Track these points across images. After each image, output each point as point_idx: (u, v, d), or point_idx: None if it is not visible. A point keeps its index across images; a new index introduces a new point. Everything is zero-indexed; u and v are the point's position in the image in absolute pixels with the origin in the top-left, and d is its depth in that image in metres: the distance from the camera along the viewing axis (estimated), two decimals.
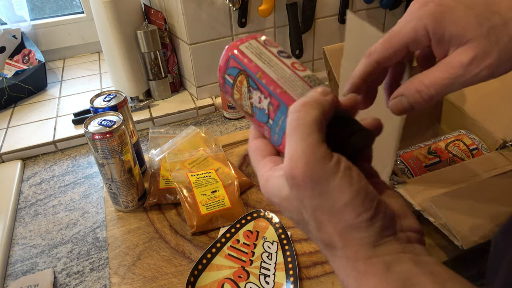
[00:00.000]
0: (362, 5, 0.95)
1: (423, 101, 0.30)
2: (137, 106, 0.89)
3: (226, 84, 0.31)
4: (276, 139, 0.29)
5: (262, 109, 0.29)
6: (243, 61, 0.30)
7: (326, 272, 0.50)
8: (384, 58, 0.32)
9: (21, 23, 1.08)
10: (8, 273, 0.56)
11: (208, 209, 0.58)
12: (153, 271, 0.52)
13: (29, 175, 0.75)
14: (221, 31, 0.84)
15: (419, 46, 0.31)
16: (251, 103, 0.30)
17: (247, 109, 0.30)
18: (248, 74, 0.30)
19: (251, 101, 0.30)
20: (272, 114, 0.28)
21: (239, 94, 0.30)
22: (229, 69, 0.31)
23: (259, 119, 0.29)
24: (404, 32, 0.30)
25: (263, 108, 0.29)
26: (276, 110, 0.28)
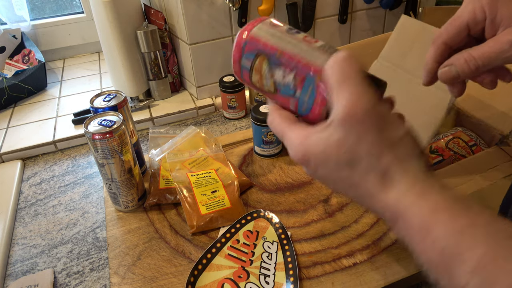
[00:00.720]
0: (362, 5, 0.95)
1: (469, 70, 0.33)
2: (137, 106, 0.89)
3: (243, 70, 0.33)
4: (305, 108, 0.31)
5: (287, 84, 0.31)
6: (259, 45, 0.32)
7: (326, 272, 0.50)
8: (449, 38, 0.36)
9: (21, 23, 1.08)
10: (8, 273, 0.56)
11: (208, 209, 0.58)
12: (153, 271, 0.52)
13: (29, 175, 0.75)
14: (221, 31, 0.84)
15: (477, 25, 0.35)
16: (274, 81, 0.31)
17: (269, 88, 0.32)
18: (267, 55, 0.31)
19: (273, 79, 0.31)
20: (299, 86, 0.31)
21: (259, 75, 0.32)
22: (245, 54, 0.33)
23: (284, 94, 0.31)
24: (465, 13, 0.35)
25: (288, 83, 0.31)
26: (303, 81, 0.30)
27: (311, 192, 0.64)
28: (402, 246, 0.53)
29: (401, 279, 0.49)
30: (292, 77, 0.31)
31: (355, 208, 0.60)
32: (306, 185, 0.65)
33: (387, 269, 0.50)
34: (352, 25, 0.97)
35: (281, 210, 0.61)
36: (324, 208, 0.60)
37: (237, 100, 0.83)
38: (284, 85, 0.31)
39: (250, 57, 0.32)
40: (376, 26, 1.00)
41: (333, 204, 0.61)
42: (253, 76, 0.32)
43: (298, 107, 0.31)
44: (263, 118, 0.67)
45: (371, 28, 1.00)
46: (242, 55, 0.32)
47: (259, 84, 0.32)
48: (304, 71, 0.30)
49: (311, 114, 0.31)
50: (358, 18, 0.97)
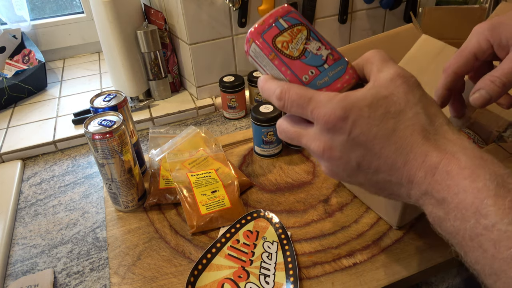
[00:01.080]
0: (362, 5, 0.95)
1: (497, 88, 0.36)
2: (137, 106, 0.89)
3: (274, 26, 0.36)
4: (326, 81, 0.35)
5: (318, 55, 0.35)
6: (304, 19, 0.37)
7: (326, 272, 0.50)
8: (459, 67, 0.39)
9: (21, 23, 1.08)
10: (8, 273, 0.56)
11: (208, 209, 0.58)
12: (153, 271, 0.52)
13: (29, 175, 0.75)
14: (221, 31, 0.84)
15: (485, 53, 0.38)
16: (305, 48, 0.35)
17: (293, 51, 0.35)
18: (310, 28, 0.36)
19: (306, 46, 0.35)
20: (331, 62, 0.35)
21: (290, 37, 0.35)
22: (288, 17, 0.36)
23: (309, 62, 0.35)
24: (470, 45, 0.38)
25: (320, 55, 0.35)
26: (336, 60, 0.36)
27: (311, 192, 0.64)
28: (402, 246, 0.53)
29: (401, 279, 0.49)
30: (327, 53, 0.35)
31: (355, 208, 0.60)
32: (306, 185, 0.65)
33: (387, 269, 0.50)
34: (352, 25, 0.97)
35: (281, 210, 0.61)
36: (324, 208, 0.60)
37: (237, 100, 0.83)
38: (313, 55, 0.35)
39: (292, 21, 0.36)
40: (376, 26, 1.00)
41: (333, 204, 0.61)
42: (282, 36, 0.35)
43: (317, 78, 0.35)
44: (263, 118, 0.67)
45: (371, 28, 1.00)
46: (285, 16, 0.36)
47: (281, 44, 0.35)
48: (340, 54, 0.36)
49: (329, 87, 0.35)
50: (358, 18, 0.97)
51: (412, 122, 0.31)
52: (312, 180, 0.66)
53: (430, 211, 0.31)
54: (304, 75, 0.35)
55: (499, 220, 0.26)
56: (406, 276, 0.49)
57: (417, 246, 0.53)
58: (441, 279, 0.51)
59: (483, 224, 0.27)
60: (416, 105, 0.32)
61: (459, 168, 0.29)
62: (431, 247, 0.52)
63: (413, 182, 0.31)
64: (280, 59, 0.35)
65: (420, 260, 0.51)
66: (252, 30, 0.36)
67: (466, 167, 0.29)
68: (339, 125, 0.32)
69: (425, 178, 0.30)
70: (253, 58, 0.38)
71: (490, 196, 0.27)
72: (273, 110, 0.68)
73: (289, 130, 0.36)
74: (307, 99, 0.33)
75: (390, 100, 0.32)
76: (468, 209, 0.27)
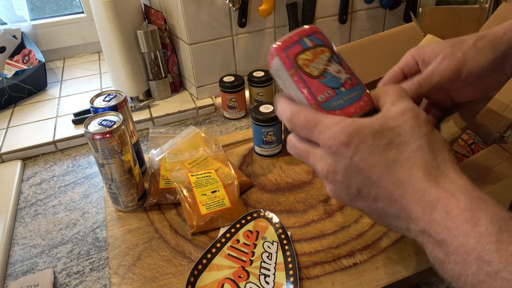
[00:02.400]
0: (362, 5, 0.95)
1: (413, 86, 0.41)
2: (137, 106, 0.89)
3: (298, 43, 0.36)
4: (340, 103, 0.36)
5: (337, 78, 0.36)
6: (329, 41, 0.38)
7: (326, 272, 0.50)
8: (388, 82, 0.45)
9: (21, 23, 1.08)
10: (8, 273, 0.56)
11: (208, 209, 0.58)
12: (153, 271, 0.52)
13: (29, 175, 0.75)
14: (221, 31, 0.84)
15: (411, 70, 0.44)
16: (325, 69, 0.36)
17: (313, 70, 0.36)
18: (333, 51, 0.37)
19: (326, 67, 0.36)
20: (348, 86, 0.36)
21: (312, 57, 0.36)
22: (313, 37, 0.37)
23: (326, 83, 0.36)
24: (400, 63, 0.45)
25: (338, 78, 0.36)
26: (353, 85, 0.36)
27: (311, 192, 0.64)
28: (402, 246, 0.53)
29: (401, 279, 0.49)
30: (347, 77, 0.36)
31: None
32: (306, 185, 0.65)
33: (387, 269, 0.50)
34: (352, 25, 0.97)
35: (281, 210, 0.61)
36: (324, 208, 0.60)
37: (237, 100, 0.83)
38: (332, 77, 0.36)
39: (317, 41, 0.37)
40: (376, 26, 1.00)
41: (333, 204, 0.61)
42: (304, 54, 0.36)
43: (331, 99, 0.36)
44: (263, 118, 0.67)
45: (371, 28, 1.00)
46: (310, 35, 0.37)
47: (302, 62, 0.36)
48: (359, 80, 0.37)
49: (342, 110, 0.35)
50: (358, 18, 0.97)
51: (414, 155, 0.31)
52: (312, 180, 0.66)
53: (430, 251, 0.31)
54: (320, 95, 0.35)
55: (502, 267, 0.25)
56: (406, 276, 0.49)
57: (417, 246, 0.53)
58: (441, 279, 0.51)
59: (485, 271, 0.26)
60: (421, 139, 0.31)
61: (458, 209, 0.28)
62: None
63: (411, 217, 0.31)
64: (300, 75, 0.36)
65: (420, 260, 0.51)
66: (276, 45, 0.37)
67: (466, 209, 0.28)
68: (342, 150, 0.32)
69: (423, 214, 0.30)
70: (275, 72, 0.38)
71: (492, 242, 0.26)
72: (273, 110, 0.68)
73: (298, 146, 0.37)
74: (314, 123, 0.34)
75: (396, 131, 0.32)
76: (470, 254, 0.27)
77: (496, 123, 0.59)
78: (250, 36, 0.88)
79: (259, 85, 0.83)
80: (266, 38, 0.90)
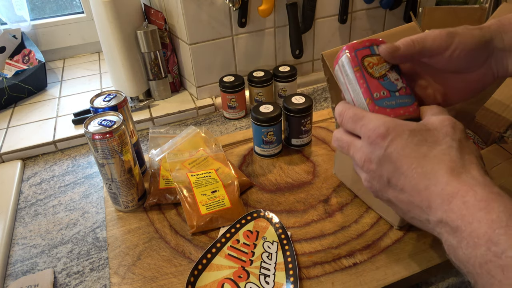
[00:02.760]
0: (362, 5, 0.95)
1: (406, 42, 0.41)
2: (137, 106, 0.89)
3: (368, 48, 0.41)
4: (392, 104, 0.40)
5: (394, 84, 0.40)
6: None
7: (326, 272, 0.50)
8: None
9: (21, 23, 1.08)
10: (8, 273, 0.56)
11: (208, 209, 0.58)
12: (153, 271, 0.52)
13: (29, 175, 0.75)
14: (221, 31, 0.84)
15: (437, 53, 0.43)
16: (386, 74, 0.41)
17: (375, 72, 0.40)
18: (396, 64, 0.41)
19: (387, 73, 0.41)
20: (402, 93, 0.40)
21: (378, 62, 0.41)
22: None
23: (384, 85, 0.40)
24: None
25: (395, 84, 0.40)
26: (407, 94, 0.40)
27: (311, 192, 0.64)
28: (402, 246, 0.53)
29: (401, 279, 0.49)
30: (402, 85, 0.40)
31: (355, 208, 0.60)
32: (306, 185, 0.65)
33: (387, 269, 0.50)
34: (352, 25, 0.97)
35: (281, 210, 0.61)
36: (324, 208, 0.60)
37: (237, 100, 0.83)
38: (390, 82, 0.40)
39: None
40: (376, 26, 1.00)
41: (333, 204, 0.61)
42: (371, 58, 0.41)
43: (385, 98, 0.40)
44: (263, 118, 0.67)
45: (371, 28, 1.00)
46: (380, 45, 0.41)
47: (367, 63, 0.41)
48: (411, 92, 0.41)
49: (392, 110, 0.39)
50: (358, 18, 0.97)
51: (443, 152, 0.34)
52: (312, 180, 0.66)
53: (445, 240, 0.33)
54: (376, 92, 0.40)
55: (508, 247, 0.27)
56: (406, 276, 0.49)
57: (417, 246, 0.53)
58: (441, 279, 0.51)
59: (493, 251, 0.28)
60: (453, 141, 0.34)
61: (475, 199, 0.30)
62: (431, 247, 0.52)
63: (431, 207, 0.33)
64: (362, 73, 0.40)
65: (420, 260, 0.51)
66: (349, 44, 0.41)
67: (482, 199, 0.30)
68: (379, 140, 0.36)
69: (441, 205, 0.32)
70: (339, 68, 0.42)
71: (502, 227, 0.28)
72: (273, 110, 0.68)
73: (342, 139, 0.41)
74: (360, 116, 0.38)
75: (431, 133, 0.35)
76: (481, 237, 0.29)
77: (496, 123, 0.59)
78: (250, 36, 0.88)
79: (259, 85, 0.83)
80: (266, 38, 0.90)
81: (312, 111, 0.71)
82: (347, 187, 0.64)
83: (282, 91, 0.85)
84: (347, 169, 0.62)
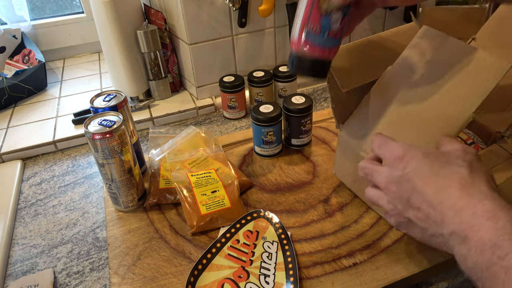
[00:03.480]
0: None
1: None
2: (137, 106, 0.89)
3: None
4: (315, 42, 0.43)
5: (330, 24, 0.43)
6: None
7: (326, 272, 0.50)
8: None
9: (21, 23, 1.08)
10: (8, 273, 0.56)
11: (208, 209, 0.58)
12: (153, 271, 0.52)
13: (29, 175, 0.75)
14: (221, 31, 0.84)
15: None
16: (331, 12, 0.42)
17: (323, 7, 0.42)
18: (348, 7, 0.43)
19: (332, 11, 0.42)
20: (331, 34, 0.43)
21: None
22: None
23: (322, 22, 0.43)
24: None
25: (331, 25, 0.43)
26: (334, 37, 0.43)
27: (311, 192, 0.64)
28: (402, 246, 0.53)
29: (401, 279, 0.49)
30: (336, 28, 0.43)
31: (355, 208, 0.60)
32: (306, 185, 0.65)
33: (387, 269, 0.50)
34: None
35: (281, 210, 0.61)
36: (324, 208, 0.60)
37: (237, 100, 0.83)
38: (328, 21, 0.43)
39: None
40: (376, 26, 1.00)
41: (333, 204, 0.61)
42: None
43: (313, 34, 0.43)
44: (263, 118, 0.67)
45: (371, 28, 1.00)
46: None
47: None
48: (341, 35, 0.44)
49: (310, 47, 0.43)
50: None
51: (454, 171, 0.37)
52: (312, 180, 0.66)
53: (457, 251, 0.35)
54: (311, 25, 0.43)
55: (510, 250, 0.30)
56: (406, 276, 0.49)
57: (417, 246, 0.53)
58: (441, 279, 0.51)
59: (497, 255, 0.31)
60: (464, 162, 0.38)
61: (483, 211, 0.33)
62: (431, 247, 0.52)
63: (444, 221, 0.36)
64: (313, 3, 0.42)
65: (420, 260, 0.51)
66: None
67: (489, 210, 0.33)
68: (397, 162, 0.40)
69: (453, 218, 0.35)
70: None
71: (506, 233, 0.31)
72: (273, 110, 0.68)
73: (367, 167, 0.45)
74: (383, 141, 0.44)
75: (444, 155, 0.39)
76: (487, 243, 0.32)
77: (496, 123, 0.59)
78: (250, 36, 0.88)
79: (259, 85, 0.83)
80: (266, 38, 0.90)
81: (312, 111, 0.71)
82: (347, 187, 0.64)
83: (282, 91, 0.85)
84: (347, 168, 0.62)
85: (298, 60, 0.45)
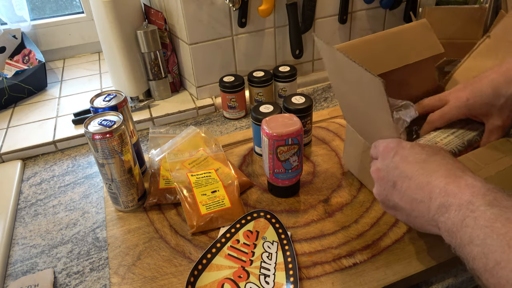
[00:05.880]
0: (362, 5, 0.95)
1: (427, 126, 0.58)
2: (137, 106, 0.89)
3: (284, 140, 0.56)
4: (283, 177, 0.60)
5: (290, 164, 0.58)
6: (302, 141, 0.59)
7: (326, 272, 0.50)
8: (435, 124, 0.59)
9: (21, 23, 1.08)
10: (8, 273, 0.56)
11: (208, 209, 0.58)
12: (153, 271, 0.52)
13: (29, 175, 0.75)
14: (221, 31, 0.84)
15: None
16: (288, 159, 0.58)
17: (281, 157, 0.57)
18: (300, 148, 0.59)
19: (289, 157, 0.58)
20: (294, 169, 0.60)
21: (287, 150, 0.57)
22: (295, 137, 0.57)
23: (284, 166, 0.59)
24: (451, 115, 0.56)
25: (291, 164, 0.58)
26: (296, 169, 0.60)
27: (311, 192, 0.64)
28: (402, 246, 0.53)
29: (401, 279, 0.49)
30: (296, 164, 0.59)
31: (355, 208, 0.60)
32: (306, 185, 0.65)
33: (387, 269, 0.50)
34: (352, 25, 0.97)
35: (281, 210, 0.61)
36: (324, 208, 0.60)
37: (237, 100, 0.83)
38: (289, 163, 0.59)
39: (295, 141, 0.57)
40: (376, 26, 1.00)
41: (333, 204, 0.61)
42: (283, 148, 0.57)
43: (279, 173, 0.59)
44: (263, 118, 0.67)
45: (371, 28, 1.00)
46: (294, 137, 0.56)
47: (280, 150, 0.57)
48: (301, 166, 0.61)
49: (279, 182, 0.60)
50: (358, 18, 0.97)
51: (440, 159, 0.41)
52: (312, 180, 0.66)
53: (441, 222, 0.38)
54: (276, 169, 0.59)
55: (481, 204, 0.35)
56: (406, 276, 0.49)
57: (417, 246, 0.53)
58: (441, 279, 0.51)
59: (470, 209, 0.35)
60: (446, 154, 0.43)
61: (465, 184, 0.37)
62: (431, 247, 0.52)
63: (431, 198, 0.39)
64: (273, 155, 0.58)
65: (420, 260, 0.51)
66: (272, 135, 0.55)
67: (469, 184, 0.37)
68: (387, 153, 0.45)
69: (440, 193, 0.38)
70: (263, 143, 0.58)
71: (480, 194, 0.36)
72: (273, 110, 0.68)
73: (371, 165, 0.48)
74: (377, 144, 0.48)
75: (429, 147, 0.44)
76: (463, 204, 0.36)
77: None
78: (250, 36, 0.88)
79: (259, 85, 0.83)
80: (266, 38, 0.90)
81: (312, 111, 0.71)
82: (347, 187, 0.64)
83: (282, 91, 0.85)
84: (355, 158, 0.64)
85: (274, 187, 0.62)
